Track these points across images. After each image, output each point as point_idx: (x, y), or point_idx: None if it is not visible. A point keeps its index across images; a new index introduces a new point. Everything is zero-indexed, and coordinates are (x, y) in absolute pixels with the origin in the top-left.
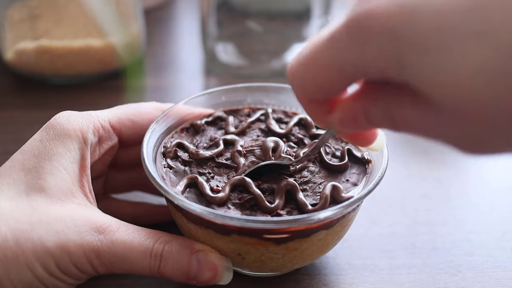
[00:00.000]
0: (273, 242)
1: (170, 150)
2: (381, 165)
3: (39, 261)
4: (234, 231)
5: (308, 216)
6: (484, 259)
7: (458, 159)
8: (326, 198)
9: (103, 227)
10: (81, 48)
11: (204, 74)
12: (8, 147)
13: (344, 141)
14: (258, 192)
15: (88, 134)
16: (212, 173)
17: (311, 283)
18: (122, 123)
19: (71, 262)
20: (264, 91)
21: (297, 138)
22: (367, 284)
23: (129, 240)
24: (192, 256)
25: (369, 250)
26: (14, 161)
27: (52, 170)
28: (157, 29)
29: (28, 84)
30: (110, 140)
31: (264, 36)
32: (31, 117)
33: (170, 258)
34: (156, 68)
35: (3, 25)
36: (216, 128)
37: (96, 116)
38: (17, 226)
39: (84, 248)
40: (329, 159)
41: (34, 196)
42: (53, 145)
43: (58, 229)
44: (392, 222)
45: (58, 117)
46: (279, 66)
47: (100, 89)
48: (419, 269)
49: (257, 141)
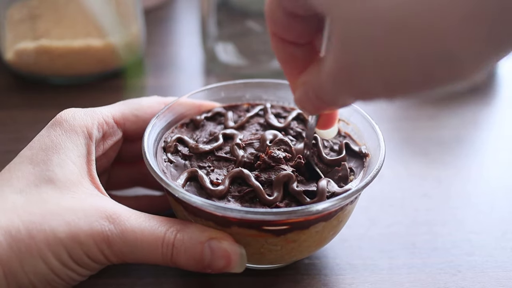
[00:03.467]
0: (273, 234)
1: (171, 145)
2: (378, 159)
3: (52, 252)
4: (234, 223)
5: (307, 207)
6: (484, 259)
7: (458, 159)
8: (323, 190)
9: (114, 216)
10: (81, 48)
11: (204, 74)
12: (8, 147)
13: (342, 135)
14: (257, 184)
15: (93, 130)
16: (212, 167)
17: (311, 283)
18: (126, 118)
19: (83, 252)
20: (262, 87)
21: (296, 132)
22: (367, 284)
23: (140, 229)
24: (204, 244)
25: (369, 250)
26: (22, 157)
27: (60, 162)
28: (157, 29)
29: (28, 84)
30: (114, 136)
31: (264, 36)
32: (31, 117)
33: (182, 247)
34: (156, 68)
35: (3, 25)
36: (215, 123)
37: (100, 112)
38: (29, 218)
39: (95, 238)
40: (327, 153)
41: (44, 188)
42: (60, 140)
43: (69, 220)
44: (392, 222)
45: (63, 114)
46: (279, 66)
47: (100, 89)
48: (419, 269)
49: (256, 135)
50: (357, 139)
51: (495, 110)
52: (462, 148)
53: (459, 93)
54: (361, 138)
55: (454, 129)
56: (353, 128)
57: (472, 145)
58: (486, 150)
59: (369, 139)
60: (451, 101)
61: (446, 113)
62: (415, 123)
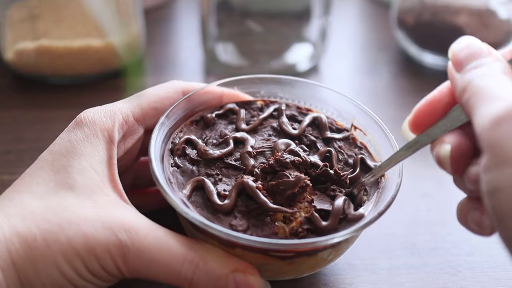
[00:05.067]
0: (278, 258)
1: (179, 148)
2: (394, 182)
3: (68, 262)
4: (238, 246)
5: (314, 241)
6: (484, 259)
7: None
8: (337, 214)
9: (132, 231)
10: (81, 48)
11: (204, 74)
12: (8, 147)
13: (358, 145)
14: (263, 200)
15: (114, 132)
16: (220, 175)
17: (311, 283)
18: (146, 113)
19: (99, 264)
20: (279, 84)
21: (310, 141)
22: (367, 284)
23: (158, 249)
24: (229, 276)
25: (369, 250)
26: (43, 162)
27: (81, 169)
28: (157, 29)
29: (28, 84)
30: (135, 134)
31: (264, 36)
32: (31, 117)
33: (204, 277)
34: (156, 68)
35: (3, 25)
36: (227, 121)
37: (120, 111)
38: (46, 227)
39: (111, 252)
40: (341, 167)
41: (63, 195)
42: (81, 145)
43: (86, 231)
44: (392, 222)
45: (83, 116)
46: (279, 66)
47: (100, 89)
48: (419, 269)
49: (268, 141)
50: (373, 152)
51: None
52: None
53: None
54: (377, 152)
55: None
56: (370, 139)
57: None
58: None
59: (386, 157)
60: None
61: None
62: None
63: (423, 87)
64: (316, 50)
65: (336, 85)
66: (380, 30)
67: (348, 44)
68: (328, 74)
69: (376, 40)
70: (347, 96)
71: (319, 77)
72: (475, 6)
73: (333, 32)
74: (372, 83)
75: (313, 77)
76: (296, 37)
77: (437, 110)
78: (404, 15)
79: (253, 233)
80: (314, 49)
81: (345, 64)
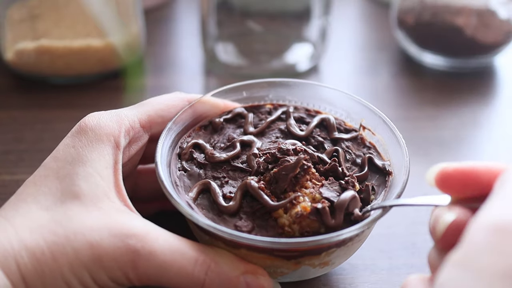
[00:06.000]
0: (283, 258)
1: (186, 152)
2: (401, 179)
3: (75, 275)
4: (243, 246)
5: (319, 239)
6: None
7: (458, 159)
8: (342, 206)
9: (141, 236)
10: (81, 48)
11: (204, 74)
12: (8, 147)
13: (367, 145)
14: (266, 200)
15: (120, 138)
16: (227, 177)
17: (311, 283)
18: (152, 120)
19: (106, 275)
20: (287, 87)
21: (317, 142)
22: (367, 284)
23: (170, 251)
24: (240, 278)
25: (369, 250)
26: (48, 170)
27: (86, 176)
28: (157, 29)
29: (28, 84)
30: (140, 141)
31: (264, 36)
32: (31, 117)
33: (216, 279)
34: (156, 68)
35: (3, 25)
36: (235, 126)
37: (126, 118)
38: (53, 239)
39: (119, 260)
40: (349, 167)
41: (69, 204)
42: (86, 151)
43: (92, 240)
44: (392, 222)
45: (88, 121)
46: (279, 66)
47: (100, 89)
48: (419, 269)
49: (275, 143)
50: (382, 151)
51: (495, 110)
52: (462, 148)
53: (459, 93)
54: (385, 152)
55: (454, 129)
56: (379, 139)
57: (472, 145)
58: (486, 150)
59: (394, 156)
60: (451, 101)
61: (446, 113)
62: (416, 123)
63: (423, 87)
64: (316, 50)
65: (336, 85)
66: (380, 30)
67: (348, 44)
68: (328, 74)
69: (376, 40)
70: (356, 97)
71: (319, 77)
72: (475, 6)
73: (333, 32)
74: (372, 83)
75: (313, 77)
76: (296, 37)
77: (469, 185)
78: (404, 15)
79: (258, 234)
80: (314, 49)
81: (345, 64)
